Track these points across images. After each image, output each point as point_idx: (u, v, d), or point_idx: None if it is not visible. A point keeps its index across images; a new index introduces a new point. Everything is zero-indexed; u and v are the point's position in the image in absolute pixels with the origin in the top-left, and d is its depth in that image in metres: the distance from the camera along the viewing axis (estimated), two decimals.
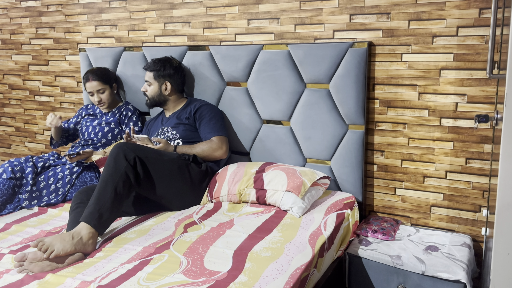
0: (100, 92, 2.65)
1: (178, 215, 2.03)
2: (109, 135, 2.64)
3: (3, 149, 3.78)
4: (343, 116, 2.25)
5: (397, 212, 2.33)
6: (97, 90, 2.63)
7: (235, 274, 1.48)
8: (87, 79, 2.63)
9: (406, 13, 2.10)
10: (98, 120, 2.69)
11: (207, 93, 2.59)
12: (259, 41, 2.48)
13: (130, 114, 2.69)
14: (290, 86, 2.33)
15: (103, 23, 2.96)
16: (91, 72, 2.65)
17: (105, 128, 2.64)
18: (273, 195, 2.05)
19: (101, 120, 2.68)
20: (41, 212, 2.27)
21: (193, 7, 2.62)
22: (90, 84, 2.63)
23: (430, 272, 1.84)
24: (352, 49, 2.16)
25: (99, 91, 2.64)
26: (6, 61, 3.50)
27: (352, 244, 2.07)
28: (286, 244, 1.69)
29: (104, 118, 2.69)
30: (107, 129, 2.64)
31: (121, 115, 2.68)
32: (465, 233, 2.18)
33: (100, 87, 2.64)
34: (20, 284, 1.50)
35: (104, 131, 2.64)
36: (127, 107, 2.72)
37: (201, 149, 2.27)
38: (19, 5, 3.29)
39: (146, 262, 1.58)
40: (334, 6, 2.24)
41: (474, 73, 2.03)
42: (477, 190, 2.13)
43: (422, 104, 2.16)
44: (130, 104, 2.75)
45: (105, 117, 2.69)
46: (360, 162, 2.26)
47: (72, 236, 1.70)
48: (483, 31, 1.97)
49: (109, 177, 1.85)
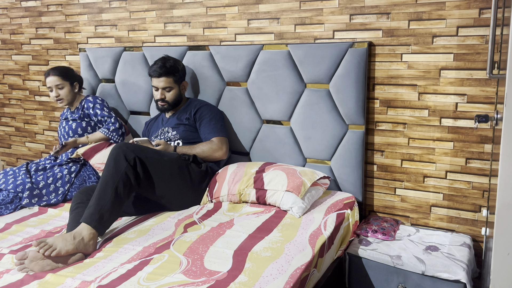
0: (59, 88, 2.64)
1: (178, 215, 2.03)
2: (79, 129, 2.65)
3: (3, 149, 3.78)
4: (343, 116, 2.25)
5: (397, 212, 2.33)
6: (56, 85, 2.62)
7: (235, 274, 1.48)
8: (48, 75, 2.64)
9: (406, 13, 2.10)
10: (66, 121, 2.71)
11: (207, 93, 2.59)
12: (259, 41, 2.48)
13: (92, 105, 2.66)
14: (290, 86, 2.34)
15: (103, 23, 2.96)
16: (52, 69, 2.66)
17: (73, 125, 2.66)
18: (273, 195, 2.05)
19: (68, 122, 2.70)
20: (41, 212, 2.27)
21: (193, 7, 2.62)
22: (50, 79, 2.63)
23: (430, 272, 1.84)
24: (352, 49, 2.16)
25: (58, 86, 2.63)
26: (6, 61, 3.50)
27: (352, 244, 2.07)
28: (286, 244, 1.69)
29: (70, 116, 2.71)
30: (75, 125, 2.66)
31: (83, 109, 2.67)
32: (465, 233, 2.18)
33: (58, 82, 2.63)
34: (20, 284, 1.50)
35: (73, 127, 2.65)
36: (87, 99, 2.69)
37: (201, 149, 2.27)
38: (19, 5, 3.29)
39: (146, 262, 1.58)
40: (334, 6, 2.24)
41: (474, 73, 2.03)
42: (477, 190, 2.13)
43: (422, 104, 2.16)
44: (89, 96, 2.72)
45: (71, 115, 2.71)
46: (360, 162, 2.26)
47: (74, 236, 1.71)
48: (483, 31, 1.97)
49: (109, 177, 1.85)
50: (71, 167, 2.49)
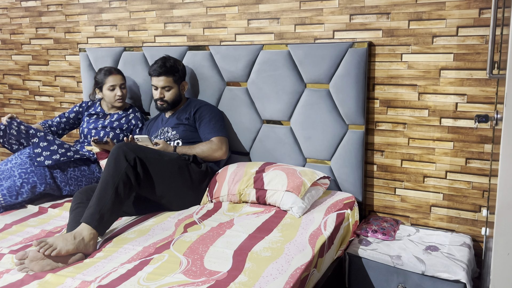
0: (122, 87, 2.62)
1: (178, 215, 2.03)
2: (114, 141, 2.58)
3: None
4: (343, 116, 2.26)
5: (397, 212, 2.33)
6: (120, 84, 2.61)
7: (235, 274, 1.48)
8: (110, 72, 2.59)
9: (406, 13, 2.10)
10: (102, 122, 2.63)
11: (207, 93, 2.59)
12: (259, 41, 2.48)
13: (140, 125, 2.64)
14: (290, 86, 2.34)
15: (103, 23, 2.96)
16: (113, 67, 2.64)
17: (111, 134, 2.59)
18: (273, 195, 2.05)
19: (104, 123, 2.62)
20: (41, 212, 2.27)
21: (193, 7, 2.62)
22: (114, 77, 2.59)
23: (430, 272, 1.84)
24: (352, 49, 2.16)
25: (121, 85, 2.62)
26: (6, 61, 3.50)
27: (352, 244, 2.07)
28: (286, 244, 1.69)
29: (108, 120, 2.63)
30: (112, 135, 2.59)
31: (129, 123, 2.63)
32: (465, 233, 2.18)
33: (122, 81, 2.62)
34: (20, 284, 1.50)
35: (110, 136, 2.58)
36: (136, 115, 2.66)
37: (201, 149, 2.27)
38: (19, 5, 3.29)
39: (146, 262, 1.58)
40: (334, 6, 2.25)
41: (474, 73, 2.03)
42: (477, 190, 2.13)
43: (422, 104, 2.16)
44: (138, 112, 2.69)
45: (109, 119, 2.63)
46: (360, 162, 2.26)
47: (74, 236, 1.71)
48: (483, 31, 1.97)
49: (110, 177, 1.85)
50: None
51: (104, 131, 2.60)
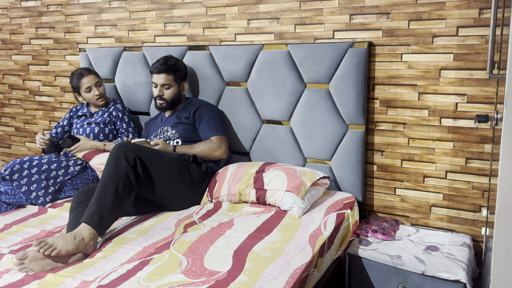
0: (98, 86, 2.64)
1: (178, 215, 2.03)
2: (101, 135, 2.63)
3: (3, 149, 3.78)
4: (343, 116, 2.26)
5: (397, 212, 2.33)
6: (95, 83, 2.62)
7: (235, 274, 1.48)
8: (82, 75, 2.62)
9: (406, 13, 2.10)
10: (88, 120, 2.68)
11: (207, 93, 2.59)
12: (259, 41, 2.48)
13: (121, 115, 2.67)
14: (290, 86, 2.34)
15: (103, 23, 2.96)
16: (83, 69, 2.66)
17: (96, 129, 2.63)
18: (273, 195, 2.05)
19: (90, 120, 2.67)
20: (41, 212, 2.27)
21: (193, 7, 2.62)
22: (87, 78, 2.61)
23: (430, 272, 1.84)
24: (352, 49, 2.16)
25: (97, 83, 2.63)
26: (6, 61, 3.50)
27: (352, 244, 2.07)
28: (286, 244, 1.69)
29: (93, 118, 2.68)
30: (97, 130, 2.63)
31: (111, 115, 2.66)
32: (465, 233, 2.18)
33: (96, 80, 2.64)
34: (20, 284, 1.50)
35: (95, 131, 2.63)
36: (116, 107, 2.69)
37: (201, 149, 2.27)
38: (19, 5, 3.29)
39: (146, 262, 1.58)
40: (334, 6, 2.24)
41: (474, 73, 2.03)
42: (477, 190, 2.13)
43: (422, 104, 2.16)
44: (118, 103, 2.72)
45: (95, 117, 2.68)
46: (360, 162, 2.26)
47: (74, 237, 1.71)
48: (483, 31, 1.97)
49: (110, 177, 1.85)
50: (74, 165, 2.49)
51: (90, 127, 2.65)
